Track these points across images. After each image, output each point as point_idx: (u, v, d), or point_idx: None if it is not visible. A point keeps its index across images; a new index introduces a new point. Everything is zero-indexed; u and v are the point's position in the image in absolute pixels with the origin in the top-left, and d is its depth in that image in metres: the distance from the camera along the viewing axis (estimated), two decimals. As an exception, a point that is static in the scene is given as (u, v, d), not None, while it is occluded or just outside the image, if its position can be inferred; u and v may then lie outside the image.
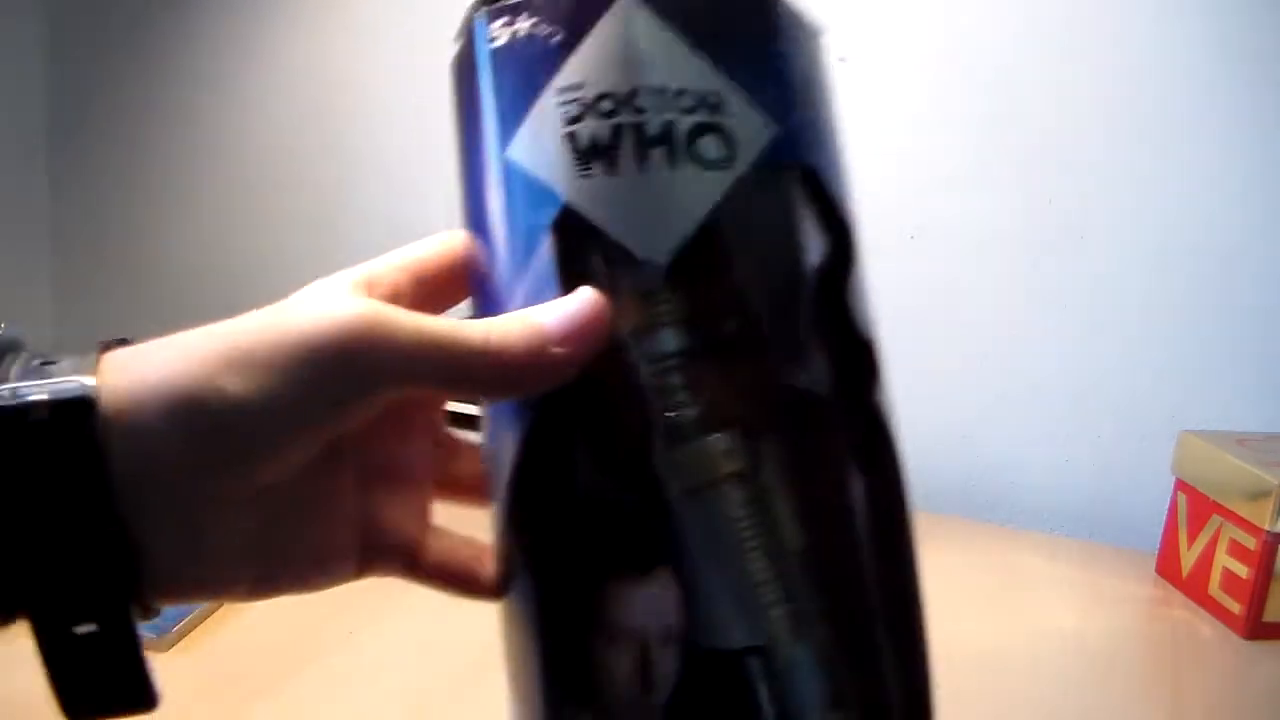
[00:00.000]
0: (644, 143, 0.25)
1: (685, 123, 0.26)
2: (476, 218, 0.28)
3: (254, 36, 1.03)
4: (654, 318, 0.26)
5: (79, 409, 0.25)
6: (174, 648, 0.55)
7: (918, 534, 0.27)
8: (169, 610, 0.56)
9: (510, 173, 0.27)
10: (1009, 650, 0.61)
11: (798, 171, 0.27)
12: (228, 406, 0.25)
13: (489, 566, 0.31)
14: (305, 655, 0.55)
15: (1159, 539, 0.74)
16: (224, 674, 0.53)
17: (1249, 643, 0.65)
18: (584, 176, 0.26)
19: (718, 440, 0.25)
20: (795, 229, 0.27)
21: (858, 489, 0.26)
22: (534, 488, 0.27)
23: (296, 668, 0.54)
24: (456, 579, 0.32)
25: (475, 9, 0.28)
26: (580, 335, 0.25)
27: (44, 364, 0.26)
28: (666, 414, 0.25)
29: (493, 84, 0.27)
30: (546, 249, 0.26)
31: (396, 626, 0.59)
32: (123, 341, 0.27)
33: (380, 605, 0.59)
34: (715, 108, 0.26)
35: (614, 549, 0.26)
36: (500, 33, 0.27)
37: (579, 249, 0.26)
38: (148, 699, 0.27)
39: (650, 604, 0.25)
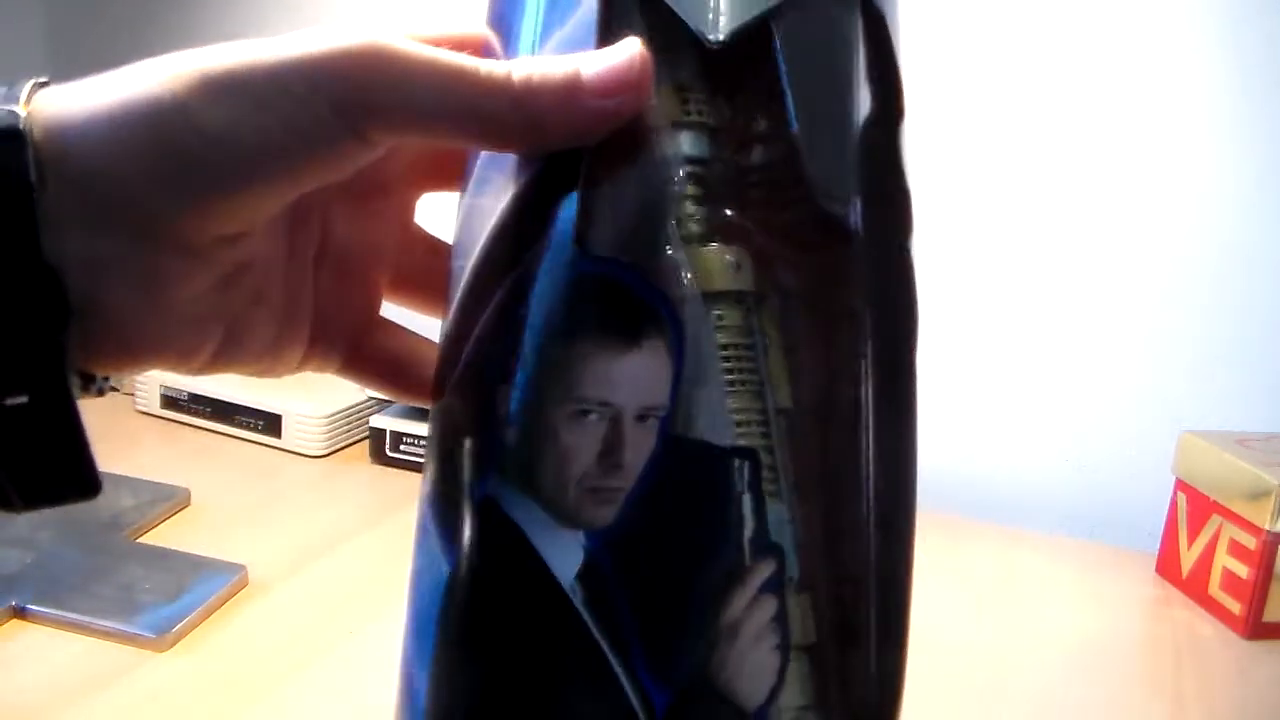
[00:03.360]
0: None
1: None
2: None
3: (255, 35, 1.03)
4: (686, 113, 0.23)
5: (4, 140, 0.21)
6: (174, 648, 0.55)
7: (919, 436, 0.26)
8: (168, 610, 0.56)
9: None
10: (1008, 650, 0.61)
11: (868, 11, 0.25)
12: (196, 136, 0.22)
13: (422, 365, 0.30)
14: (305, 655, 0.55)
15: (1159, 539, 0.74)
16: (224, 674, 0.53)
17: (1249, 643, 0.65)
18: None
19: (720, 250, 0.23)
20: (851, 62, 0.25)
21: (866, 346, 0.25)
22: (517, 246, 0.24)
23: (296, 668, 0.54)
24: (388, 374, 0.31)
25: None
26: (621, 88, 0.22)
27: None
28: (676, 218, 0.23)
29: None
30: (591, 6, 0.23)
31: (397, 626, 0.59)
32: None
33: (381, 605, 0.59)
34: None
35: (602, 320, 0.23)
36: None
37: (626, 11, 0.23)
38: (87, 485, 0.24)
39: (634, 377, 0.22)
